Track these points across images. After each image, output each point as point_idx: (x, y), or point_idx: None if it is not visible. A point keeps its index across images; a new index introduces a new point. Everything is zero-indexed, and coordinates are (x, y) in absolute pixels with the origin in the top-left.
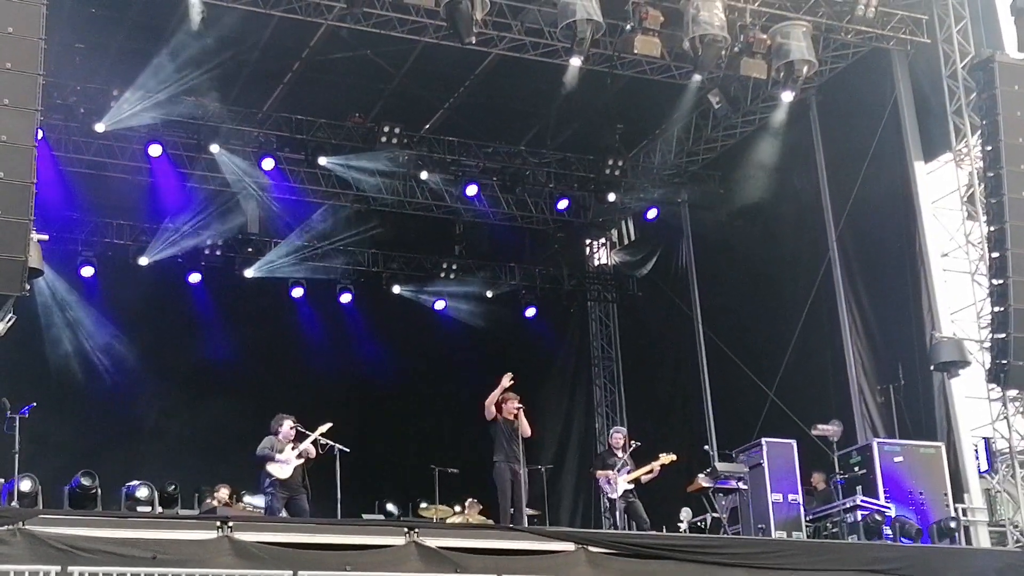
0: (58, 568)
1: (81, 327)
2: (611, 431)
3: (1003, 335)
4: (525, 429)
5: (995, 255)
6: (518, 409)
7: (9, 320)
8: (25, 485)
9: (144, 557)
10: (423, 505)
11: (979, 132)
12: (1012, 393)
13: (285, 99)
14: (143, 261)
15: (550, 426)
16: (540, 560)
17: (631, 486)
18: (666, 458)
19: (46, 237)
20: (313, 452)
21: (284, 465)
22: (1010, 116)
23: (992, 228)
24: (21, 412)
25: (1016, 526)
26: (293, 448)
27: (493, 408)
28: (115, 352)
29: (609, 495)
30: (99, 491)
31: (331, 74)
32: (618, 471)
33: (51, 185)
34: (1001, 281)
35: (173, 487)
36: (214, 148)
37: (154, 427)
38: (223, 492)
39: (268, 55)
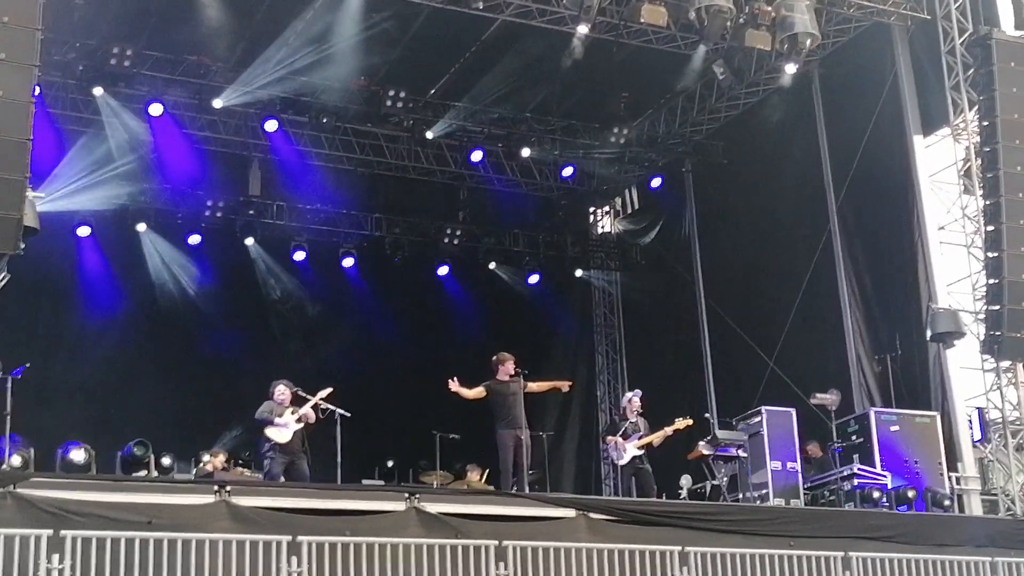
0: (50, 532)
1: (78, 288)
2: (627, 395)
3: (997, 307)
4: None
5: (990, 228)
6: (516, 372)
7: (4, 279)
8: (16, 460)
9: (139, 521)
10: (424, 471)
11: (976, 107)
12: (1005, 364)
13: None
14: (140, 227)
15: (552, 393)
16: (540, 526)
17: (641, 452)
18: (681, 423)
19: (43, 195)
20: (313, 417)
21: (283, 429)
22: (1006, 92)
23: (988, 202)
24: (14, 373)
25: (1007, 494)
26: (292, 413)
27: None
28: (115, 315)
29: (616, 461)
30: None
31: (335, 38)
32: (627, 437)
33: (46, 143)
34: (996, 254)
35: (169, 461)
36: (217, 103)
37: (149, 393)
38: (220, 458)
39: (269, 16)
